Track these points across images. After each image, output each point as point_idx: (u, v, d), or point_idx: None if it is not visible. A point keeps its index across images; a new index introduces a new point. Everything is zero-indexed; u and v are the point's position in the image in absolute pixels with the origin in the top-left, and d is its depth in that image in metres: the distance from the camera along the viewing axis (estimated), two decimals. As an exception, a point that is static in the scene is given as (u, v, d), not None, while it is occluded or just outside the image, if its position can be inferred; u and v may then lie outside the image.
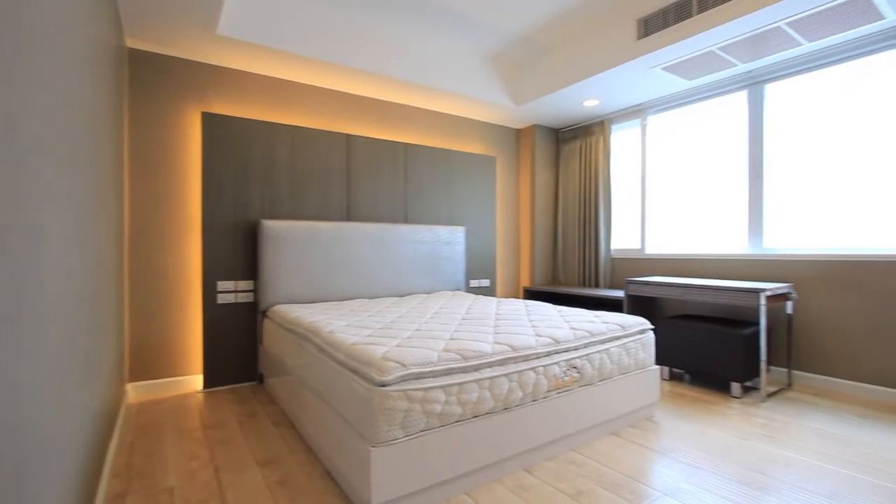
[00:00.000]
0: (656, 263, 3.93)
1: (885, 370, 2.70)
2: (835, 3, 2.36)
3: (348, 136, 3.52)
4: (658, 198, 4.01)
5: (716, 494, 1.71)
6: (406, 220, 3.84)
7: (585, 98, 3.89)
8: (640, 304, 3.64)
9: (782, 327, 3.13)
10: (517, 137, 4.88)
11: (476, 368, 1.72)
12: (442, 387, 1.60)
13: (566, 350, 2.05)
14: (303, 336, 2.26)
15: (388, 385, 1.50)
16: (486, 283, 4.37)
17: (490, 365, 1.76)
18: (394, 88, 3.65)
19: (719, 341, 2.87)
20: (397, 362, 1.56)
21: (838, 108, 2.96)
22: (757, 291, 2.68)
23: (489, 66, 3.94)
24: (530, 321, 2.40)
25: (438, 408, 1.59)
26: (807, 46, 2.88)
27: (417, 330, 2.13)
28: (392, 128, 3.97)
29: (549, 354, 1.98)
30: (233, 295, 3.05)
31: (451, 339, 1.94)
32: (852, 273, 2.83)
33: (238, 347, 3.06)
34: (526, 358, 1.89)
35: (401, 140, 3.99)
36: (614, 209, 4.39)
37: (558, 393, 1.98)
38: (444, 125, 4.31)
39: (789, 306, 3.01)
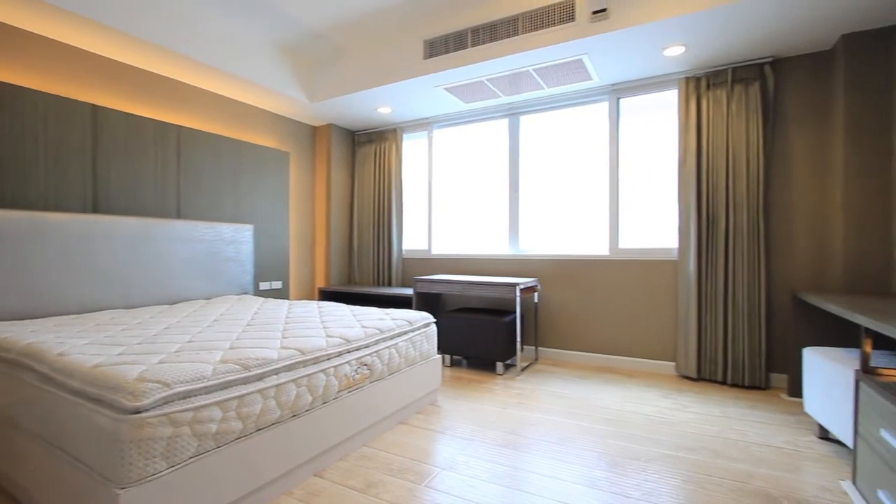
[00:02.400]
0: (441, 263, 4.37)
1: (596, 340, 3.63)
2: (561, 61, 3.06)
3: (95, 107, 2.83)
4: (443, 203, 4.47)
5: (484, 459, 2.01)
6: (180, 216, 3.31)
7: (379, 105, 4.05)
8: (427, 300, 3.99)
9: (531, 313, 3.88)
10: (313, 135, 4.75)
11: (260, 378, 1.61)
12: (218, 403, 1.44)
13: (357, 349, 2.10)
14: (16, 363, 1.72)
15: (145, 411, 1.27)
16: (277, 285, 4.11)
17: (276, 372, 1.67)
18: (166, 60, 3.10)
19: (487, 328, 3.38)
20: (158, 382, 1.33)
21: (566, 142, 3.83)
22: (514, 285, 3.26)
23: (284, 57, 3.72)
24: (322, 322, 2.37)
25: (214, 427, 1.42)
26: (547, 90, 3.64)
27: (190, 342, 1.87)
28: (162, 106, 3.36)
29: (340, 354, 1.99)
30: None
31: (232, 348, 1.77)
32: (573, 269, 3.71)
33: None
34: (316, 360, 1.86)
35: (173, 121, 3.41)
36: (406, 212, 4.70)
37: (349, 392, 2.01)
38: (232, 112, 3.88)
39: (536, 296, 3.76)
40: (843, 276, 2.71)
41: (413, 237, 4.66)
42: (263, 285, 3.96)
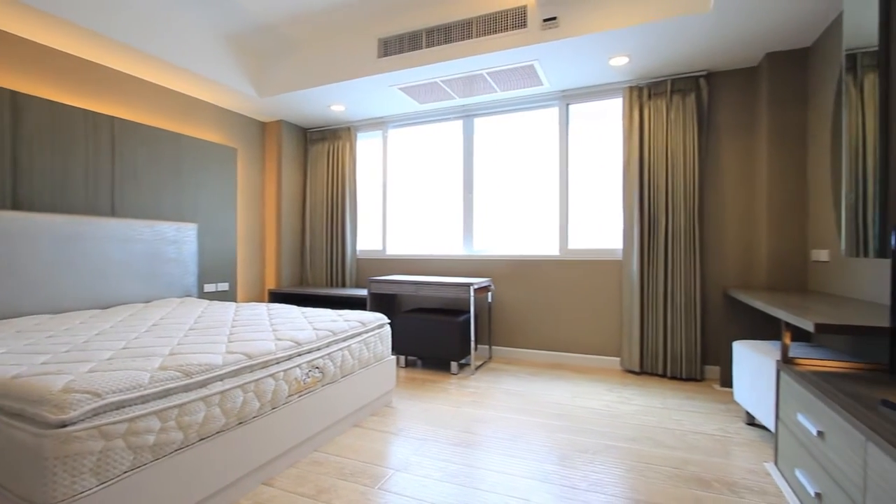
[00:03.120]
0: (396, 263, 4.35)
1: (547, 338, 3.74)
2: (514, 66, 3.14)
3: (14, 93, 2.59)
4: (397, 204, 4.45)
5: (438, 459, 2.02)
6: (114, 213, 3.09)
7: (332, 102, 3.98)
8: (381, 301, 3.95)
9: (485, 313, 3.94)
10: (263, 131, 4.58)
11: (203, 384, 1.53)
12: (156, 412, 1.36)
13: (309, 351, 2.06)
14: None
15: (72, 424, 1.18)
16: (224, 287, 3.93)
17: (221, 378, 1.60)
18: (98, 45, 2.88)
19: (442, 328, 3.40)
20: (88, 392, 1.24)
21: (519, 145, 3.93)
22: (468, 285, 3.30)
23: (231, 49, 3.57)
24: (272, 325, 2.29)
25: (151, 439, 1.34)
26: (500, 94, 3.71)
27: (125, 348, 1.75)
28: (94, 95, 3.12)
29: (290, 358, 1.94)
30: None
31: (172, 354, 1.67)
32: (526, 269, 3.80)
33: None
34: (265, 364, 1.80)
35: (107, 112, 3.18)
36: (360, 212, 4.63)
37: (300, 396, 1.96)
38: (174, 105, 3.67)
39: (490, 296, 3.82)
40: (766, 274, 2.95)
41: (367, 237, 4.60)
42: (209, 287, 3.78)
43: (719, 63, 3.12)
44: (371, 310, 3.73)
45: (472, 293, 3.28)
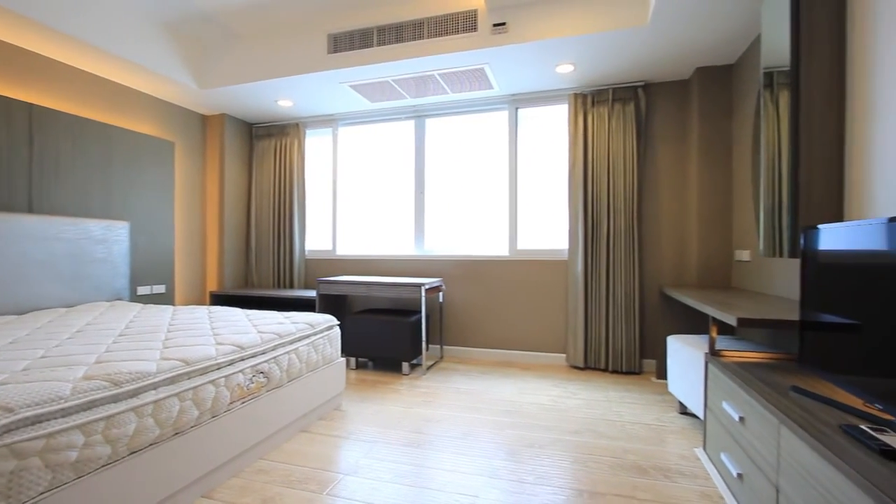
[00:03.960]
0: (346, 264, 4.27)
1: (497, 337, 3.82)
2: (465, 68, 3.18)
3: None
4: (348, 203, 4.37)
5: (388, 461, 2.01)
6: (32, 209, 2.82)
7: (280, 97, 3.84)
8: (331, 302, 3.87)
9: (437, 313, 3.96)
10: (203, 124, 4.35)
11: (134, 394, 1.44)
12: (79, 426, 1.26)
13: (253, 356, 1.98)
14: None
15: (-20, 442, 1.07)
16: (160, 289, 3.69)
17: (155, 386, 1.51)
18: (10, 23, 2.62)
19: (393, 329, 3.38)
20: (-1, 407, 1.13)
21: (470, 146, 3.98)
22: (419, 286, 3.30)
23: (169, 36, 3.35)
24: (213, 329, 2.18)
25: (73, 455, 1.24)
26: (452, 95, 3.74)
27: (43, 357, 1.60)
28: (5, 79, 2.83)
29: (232, 363, 1.85)
30: None
31: (99, 362, 1.55)
32: (476, 269, 3.86)
33: None
34: (204, 371, 1.71)
35: (23, 98, 2.90)
36: (309, 211, 4.51)
37: (243, 403, 1.88)
38: (103, 93, 3.40)
39: (441, 296, 3.84)
40: (696, 273, 3.17)
41: (317, 237, 4.49)
42: (142, 290, 3.54)
43: (656, 75, 3.32)
44: (320, 311, 3.65)
45: (423, 293, 3.29)
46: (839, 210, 1.77)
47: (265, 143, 4.50)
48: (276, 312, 2.72)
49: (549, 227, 3.76)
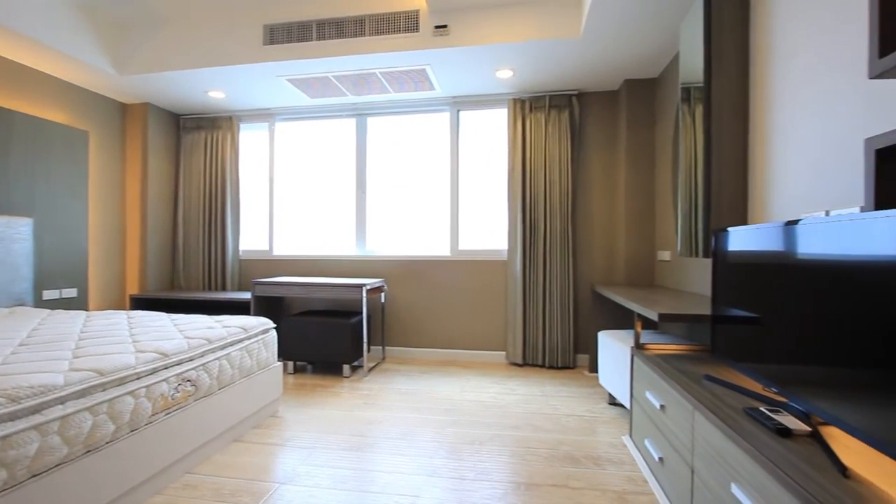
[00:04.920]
0: (284, 264, 4.11)
1: (438, 337, 3.84)
2: (407, 68, 3.17)
3: None
4: (286, 201, 4.21)
5: (327, 466, 1.96)
6: None
7: (210, 88, 3.62)
8: (267, 305, 3.71)
9: (378, 314, 3.92)
10: (123, 113, 4.00)
11: (36, 410, 1.30)
12: (-32, 449, 1.12)
13: (178, 363, 1.85)
14: None
15: None
16: (71, 293, 3.35)
17: (62, 401, 1.37)
18: None
19: (333, 331, 3.30)
20: None
21: (412, 147, 3.98)
22: (360, 286, 3.25)
23: (80, 14, 3.05)
24: (132, 336, 2.02)
25: (-39, 481, 1.10)
26: (394, 95, 3.72)
27: (-79, 374, 1.40)
28: None
29: (154, 372, 1.72)
30: None
31: (-6, 377, 1.39)
32: (418, 269, 3.87)
33: None
34: (122, 381, 1.58)
35: None
36: (244, 209, 4.29)
37: (167, 414, 1.76)
38: (1, 72, 3.03)
39: (383, 297, 3.81)
40: (624, 271, 3.38)
41: (252, 237, 4.28)
42: (49, 294, 3.19)
43: (588, 84, 3.50)
44: (255, 314, 3.48)
45: (364, 294, 3.24)
46: (745, 214, 1.97)
47: (194, 136, 4.22)
48: (205, 316, 2.56)
49: (489, 228, 3.85)
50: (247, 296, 3.62)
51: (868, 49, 1.03)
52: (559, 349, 3.52)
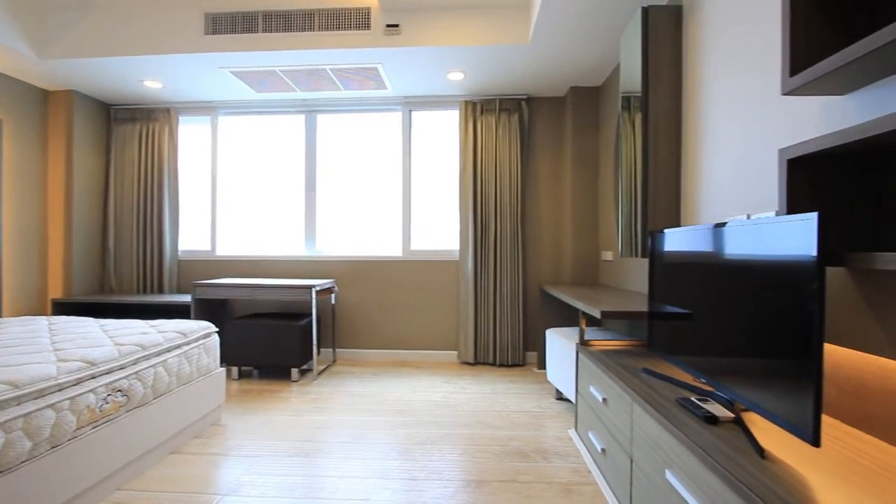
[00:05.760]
0: (228, 265, 3.93)
1: (391, 337, 3.82)
2: (358, 66, 3.13)
3: None
4: (231, 199, 4.02)
5: (273, 474, 1.89)
6: None
7: (145, 77, 3.40)
8: (210, 308, 3.53)
9: (329, 315, 3.84)
10: (45, 100, 3.66)
11: (-63, 428, 1.16)
12: None
13: (108, 372, 1.72)
14: None
15: None
16: (-21, 298, 3.02)
17: (-31, 417, 1.24)
18: None
19: (280, 334, 3.19)
20: None
21: (364, 146, 3.93)
22: (310, 287, 3.17)
23: (-15, -11, 2.76)
24: (53, 344, 1.86)
25: None
26: (345, 92, 3.65)
27: None
28: None
29: (80, 382, 1.59)
30: None
31: None
32: (370, 270, 3.83)
33: None
34: (40, 393, 1.45)
35: None
36: (184, 207, 4.05)
37: (94, 427, 1.63)
38: None
39: (333, 298, 3.74)
40: (571, 271, 3.52)
41: (193, 236, 4.05)
42: (-48, 299, 2.86)
43: (537, 90, 3.61)
44: (196, 318, 3.30)
45: (314, 295, 3.16)
46: (678, 217, 2.11)
47: (128, 127, 3.94)
48: (139, 321, 2.40)
49: (441, 229, 3.87)
50: (187, 298, 3.43)
51: (781, 68, 1.14)
52: (509, 347, 3.60)
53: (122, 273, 3.91)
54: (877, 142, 0.92)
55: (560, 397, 2.86)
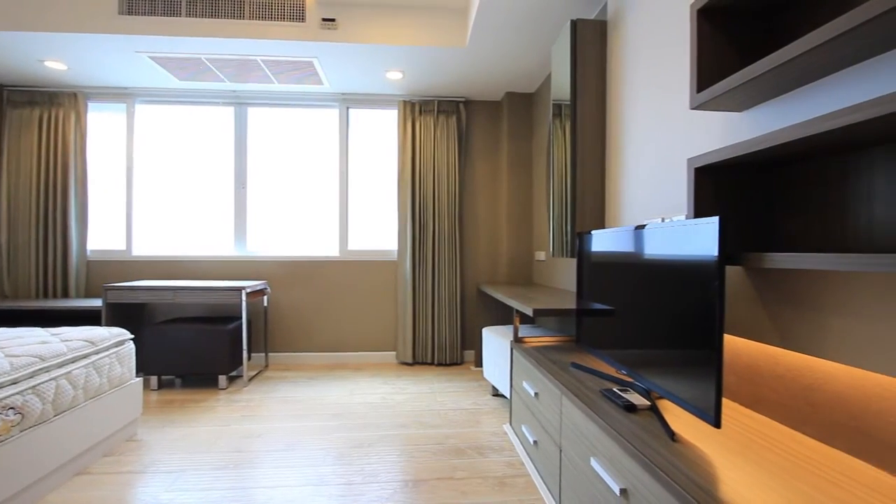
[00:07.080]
0: (147, 266, 3.62)
1: (327, 340, 3.72)
2: (292, 59, 3.02)
3: None
4: (150, 195, 3.71)
5: (197, 489, 1.78)
6: None
7: (46, 57, 3.05)
8: (124, 313, 3.24)
9: (260, 318, 3.67)
10: (-87, 78, 3.17)
11: None
12: None
13: (-3, 388, 1.53)
14: None
15: None
16: None
17: None
18: None
19: (207, 339, 3.00)
20: None
21: (299, 142, 3.79)
22: (239, 289, 3.00)
23: None
24: (-73, 358, 1.61)
25: None
26: (279, 86, 3.51)
27: None
28: None
29: (-39, 401, 1.40)
30: None
31: None
32: (305, 270, 3.71)
33: None
34: None
35: None
36: (93, 202, 3.68)
37: (-20, 450, 1.44)
38: None
39: (266, 300, 3.57)
40: (506, 271, 3.62)
41: (104, 235, 3.69)
42: None
43: (474, 93, 3.68)
44: (108, 324, 3.01)
45: (244, 297, 3.01)
46: (603, 219, 2.24)
47: (25, 112, 3.51)
48: (39, 329, 2.15)
49: (379, 229, 3.83)
50: (97, 303, 3.12)
51: (689, 85, 1.25)
52: (447, 346, 3.64)
53: (18, 276, 3.47)
54: (767, 154, 1.04)
55: (496, 394, 2.94)
